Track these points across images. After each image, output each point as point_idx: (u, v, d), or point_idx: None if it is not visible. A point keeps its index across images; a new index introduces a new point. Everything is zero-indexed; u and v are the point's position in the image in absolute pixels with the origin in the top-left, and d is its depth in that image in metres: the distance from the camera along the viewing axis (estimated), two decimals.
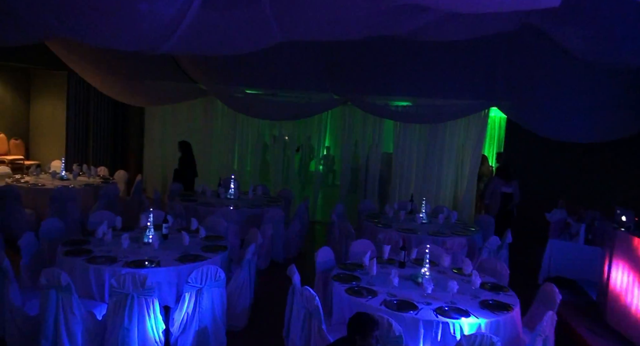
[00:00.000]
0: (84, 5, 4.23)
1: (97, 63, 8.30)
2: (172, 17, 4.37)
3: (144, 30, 4.57)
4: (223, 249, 4.99)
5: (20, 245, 4.75)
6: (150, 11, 4.27)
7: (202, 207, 6.97)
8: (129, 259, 4.47)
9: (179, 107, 10.43)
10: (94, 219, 5.71)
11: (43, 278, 3.95)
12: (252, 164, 10.82)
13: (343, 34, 5.55)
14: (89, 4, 4.01)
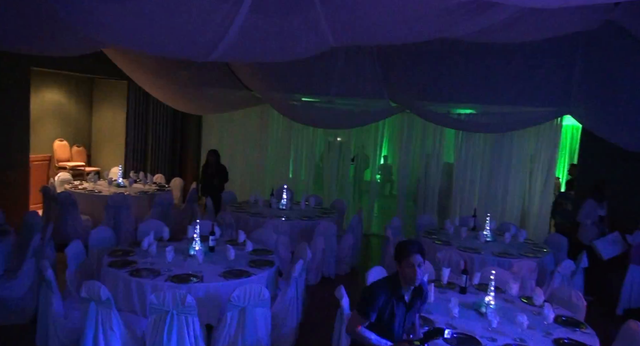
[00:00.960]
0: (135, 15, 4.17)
1: (155, 72, 8.38)
2: (219, 24, 4.22)
3: (193, 38, 4.44)
4: (270, 264, 4.73)
5: (66, 254, 4.71)
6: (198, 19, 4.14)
7: (253, 218, 6.78)
8: (172, 273, 4.31)
9: (236, 114, 10.42)
10: (143, 228, 5.64)
11: (84, 291, 3.83)
12: (306, 173, 10.60)
13: (399, 38, 5.19)
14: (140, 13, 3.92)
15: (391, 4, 4.06)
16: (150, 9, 3.97)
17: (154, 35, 4.44)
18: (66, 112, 9.93)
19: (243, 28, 4.39)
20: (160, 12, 4.00)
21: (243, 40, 4.62)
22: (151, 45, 4.70)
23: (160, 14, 4.06)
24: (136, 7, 3.92)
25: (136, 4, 3.88)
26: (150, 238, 4.90)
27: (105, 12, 3.99)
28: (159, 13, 4.02)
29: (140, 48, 5.22)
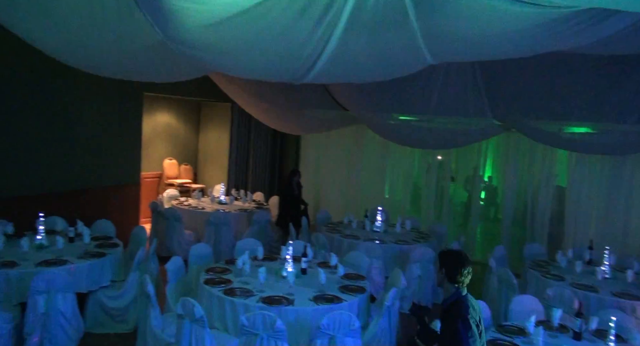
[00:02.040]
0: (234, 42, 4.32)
1: (256, 95, 8.68)
2: (314, 47, 4.22)
3: (289, 62, 4.49)
4: (362, 291, 4.57)
5: (167, 269, 4.91)
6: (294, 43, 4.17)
7: (347, 240, 6.66)
8: (264, 294, 4.30)
9: (332, 134, 10.48)
10: (240, 246, 5.76)
11: (180, 308, 3.94)
12: (402, 194, 10.32)
13: (503, 54, 4.84)
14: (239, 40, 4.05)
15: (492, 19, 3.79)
16: (248, 36, 4.07)
17: (251, 61, 4.55)
18: (175, 133, 10.63)
19: (337, 49, 4.35)
20: (257, 38, 4.09)
21: (338, 61, 4.57)
22: (248, 70, 4.83)
23: (256, 41, 4.15)
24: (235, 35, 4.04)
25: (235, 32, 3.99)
26: (245, 257, 4.96)
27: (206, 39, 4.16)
28: (256, 40, 4.11)
29: (239, 74, 5.41)
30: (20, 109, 6.38)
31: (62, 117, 6.93)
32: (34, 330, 4.34)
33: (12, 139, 6.30)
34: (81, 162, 7.23)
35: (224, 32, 4.01)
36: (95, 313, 4.97)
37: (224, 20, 3.78)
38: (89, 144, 7.32)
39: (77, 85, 6.97)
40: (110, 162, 7.72)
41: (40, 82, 6.56)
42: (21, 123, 6.40)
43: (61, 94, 6.87)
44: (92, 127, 7.37)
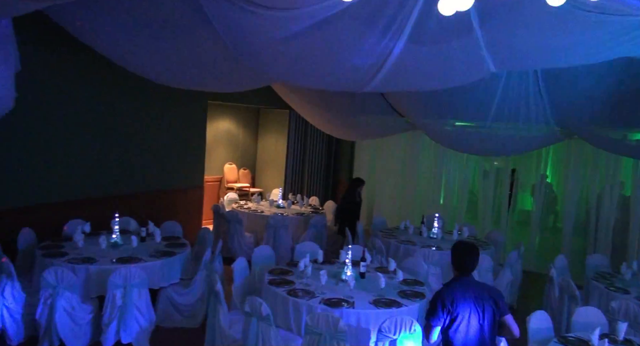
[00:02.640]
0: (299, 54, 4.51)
1: (313, 102, 8.89)
2: (378, 57, 4.34)
3: (351, 72, 4.63)
4: (421, 297, 4.63)
5: (233, 269, 5.16)
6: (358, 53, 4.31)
7: (403, 245, 6.72)
8: (326, 296, 4.45)
9: (387, 140, 10.54)
10: (300, 249, 5.95)
11: (247, 306, 4.15)
12: (458, 200, 10.23)
13: (567, 62, 4.80)
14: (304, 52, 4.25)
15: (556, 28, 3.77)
16: (314, 50, 4.26)
17: (316, 71, 4.74)
18: (235, 139, 11.02)
19: (400, 59, 4.45)
20: (323, 51, 4.27)
21: (400, 70, 4.67)
22: (312, 81, 5.02)
23: (322, 54, 4.33)
24: (303, 49, 4.24)
25: (303, 46, 4.18)
26: (307, 260, 5.13)
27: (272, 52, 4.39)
28: (321, 52, 4.29)
29: (302, 84, 5.61)
30: (98, 118, 6.88)
31: (135, 125, 7.39)
32: (112, 321, 4.68)
33: (87, 146, 6.79)
34: (151, 166, 7.68)
35: (292, 47, 4.21)
36: (165, 308, 5.29)
37: (293, 35, 3.99)
38: (158, 150, 7.77)
39: (149, 96, 7.42)
40: (177, 166, 8.15)
41: (116, 93, 7.04)
42: (96, 132, 6.89)
43: (132, 104, 7.34)
44: (161, 134, 7.82)
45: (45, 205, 6.29)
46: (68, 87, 6.41)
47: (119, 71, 5.68)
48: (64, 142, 6.45)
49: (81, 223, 6.14)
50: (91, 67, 6.50)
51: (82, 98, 6.65)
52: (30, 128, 5.99)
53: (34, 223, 5.87)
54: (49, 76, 6.12)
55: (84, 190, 6.75)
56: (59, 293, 4.55)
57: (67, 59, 6.26)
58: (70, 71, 6.39)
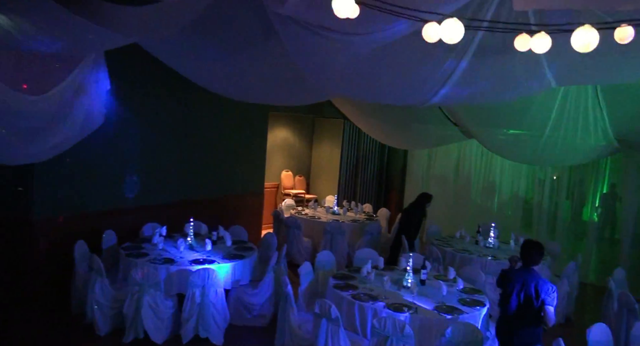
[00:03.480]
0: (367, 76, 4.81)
1: (368, 112, 9.16)
2: (442, 73, 4.57)
3: (415, 88, 4.88)
4: (481, 304, 4.81)
5: (299, 273, 5.50)
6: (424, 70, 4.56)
7: (460, 254, 6.87)
8: (389, 301, 4.70)
9: (439, 148, 10.67)
10: (359, 255, 6.22)
11: (317, 307, 4.46)
12: (512, 209, 10.22)
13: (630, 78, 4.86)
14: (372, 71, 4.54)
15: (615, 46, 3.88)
16: (381, 67, 4.53)
17: (381, 89, 5.01)
18: (291, 147, 11.44)
19: (463, 75, 4.66)
20: (389, 69, 4.53)
21: (462, 85, 4.88)
22: (377, 96, 5.29)
23: (388, 71, 4.59)
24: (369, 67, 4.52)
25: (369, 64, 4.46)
26: (369, 266, 5.41)
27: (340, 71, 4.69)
28: (388, 70, 4.56)
29: (367, 99, 5.89)
30: (171, 130, 7.41)
31: (203, 136, 7.89)
32: (191, 317, 5.11)
33: (161, 155, 7.32)
34: (217, 174, 8.17)
35: (360, 67, 4.51)
36: (236, 307, 5.67)
37: (363, 56, 4.28)
38: (223, 159, 8.25)
39: (216, 109, 7.90)
40: (241, 174, 8.61)
41: (187, 107, 7.55)
42: (169, 142, 7.41)
43: (202, 117, 7.83)
44: (227, 144, 8.30)
45: (124, 209, 6.84)
46: (147, 102, 6.96)
47: (191, 86, 6.17)
48: (141, 152, 7.00)
49: (155, 226, 6.66)
50: (168, 83, 7.01)
51: (158, 112, 7.19)
52: (113, 141, 6.53)
53: (115, 225, 6.43)
54: (132, 93, 6.65)
55: (158, 195, 7.28)
56: (145, 290, 5.01)
57: (148, 77, 6.78)
58: (149, 88, 6.92)
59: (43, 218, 5.93)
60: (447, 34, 2.86)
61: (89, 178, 6.38)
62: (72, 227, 6.14)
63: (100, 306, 5.25)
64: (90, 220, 6.38)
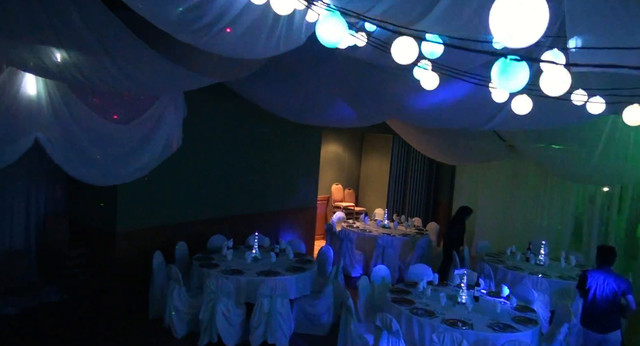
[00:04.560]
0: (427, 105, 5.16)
1: (417, 128, 9.45)
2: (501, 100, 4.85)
3: (474, 114, 5.19)
4: (534, 323, 5.03)
5: (358, 286, 5.88)
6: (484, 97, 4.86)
7: (511, 272, 7.06)
8: (446, 316, 5.00)
9: (488, 163, 10.81)
10: (413, 270, 6.54)
11: (378, 320, 4.82)
12: (562, 224, 10.25)
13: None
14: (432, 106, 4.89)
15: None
16: (441, 98, 4.87)
17: (440, 116, 5.35)
18: (341, 161, 11.86)
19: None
20: (449, 100, 4.86)
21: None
22: (435, 122, 5.63)
23: (449, 101, 4.92)
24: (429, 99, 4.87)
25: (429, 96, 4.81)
26: (424, 282, 5.72)
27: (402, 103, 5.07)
28: (448, 100, 4.89)
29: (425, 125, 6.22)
30: (236, 148, 7.95)
31: (262, 154, 8.41)
32: (259, 324, 5.57)
33: (225, 171, 7.87)
34: (275, 188, 8.67)
35: (421, 99, 4.87)
36: (298, 316, 6.10)
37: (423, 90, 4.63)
38: (280, 175, 8.75)
39: (276, 128, 8.40)
40: (296, 188, 9.09)
41: (249, 128, 8.09)
42: (234, 159, 7.96)
43: (262, 136, 8.35)
44: (283, 161, 8.79)
45: (193, 222, 7.42)
46: (213, 125, 7.52)
47: (252, 109, 6.68)
48: (207, 170, 7.56)
49: (220, 238, 7.20)
50: (231, 107, 7.55)
51: (223, 133, 7.74)
52: (184, 161, 7.10)
53: (185, 237, 7.00)
54: (201, 118, 7.22)
55: (222, 209, 7.83)
56: (219, 299, 5.51)
57: (213, 102, 7.33)
58: (214, 112, 7.47)
59: (124, 230, 6.55)
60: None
61: (163, 194, 6.98)
62: (148, 238, 6.75)
63: (178, 311, 5.80)
64: (164, 232, 6.98)
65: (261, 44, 2.61)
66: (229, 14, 2.21)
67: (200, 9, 2.19)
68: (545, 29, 2.51)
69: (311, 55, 4.81)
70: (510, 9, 1.45)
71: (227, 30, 2.34)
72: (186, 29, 2.36)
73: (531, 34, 1.45)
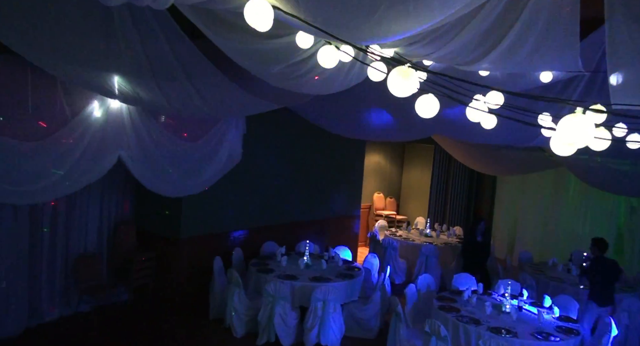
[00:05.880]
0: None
1: (459, 140, 9.72)
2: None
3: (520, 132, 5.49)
4: (576, 333, 5.28)
5: (405, 294, 6.23)
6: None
7: (553, 282, 7.26)
8: (491, 324, 5.31)
9: (530, 175, 10.95)
10: (457, 280, 6.84)
11: (427, 327, 5.18)
12: (604, 235, 10.25)
13: None
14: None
15: None
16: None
17: (487, 134, 5.66)
18: (383, 170, 12.22)
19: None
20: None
21: None
22: (481, 139, 5.95)
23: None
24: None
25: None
26: (469, 291, 6.04)
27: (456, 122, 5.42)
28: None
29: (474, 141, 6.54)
30: (287, 159, 8.44)
31: (310, 165, 8.86)
32: (314, 327, 6.00)
33: (276, 182, 8.36)
34: (321, 198, 9.11)
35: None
36: (348, 321, 6.49)
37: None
38: (327, 185, 9.19)
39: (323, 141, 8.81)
40: (341, 197, 9.51)
41: (299, 142, 8.56)
42: (284, 170, 8.44)
43: (311, 149, 8.81)
44: (329, 170, 9.23)
45: (248, 229, 7.93)
46: (267, 139, 8.02)
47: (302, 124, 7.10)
48: (260, 181, 8.06)
49: (272, 244, 7.70)
50: (283, 122, 8.02)
51: (276, 147, 8.23)
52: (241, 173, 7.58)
53: (241, 243, 7.52)
54: (256, 133, 7.72)
55: (273, 217, 8.33)
56: (276, 302, 5.98)
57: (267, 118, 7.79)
58: (267, 127, 7.94)
59: (187, 237, 7.12)
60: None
61: (221, 204, 7.51)
62: (208, 244, 7.30)
63: (238, 313, 6.30)
64: (221, 239, 7.52)
65: (337, 84, 3.04)
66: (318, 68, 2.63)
67: (298, 65, 2.63)
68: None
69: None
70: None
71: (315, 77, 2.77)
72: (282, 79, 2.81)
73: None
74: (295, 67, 2.62)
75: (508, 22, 2.63)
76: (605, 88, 3.51)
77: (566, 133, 2.05)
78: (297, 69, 2.63)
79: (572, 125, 2.06)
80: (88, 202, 6.88)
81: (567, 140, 2.06)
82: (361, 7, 1.84)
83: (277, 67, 2.61)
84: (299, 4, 1.81)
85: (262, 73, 2.75)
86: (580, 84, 4.38)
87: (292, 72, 2.66)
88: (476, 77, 3.62)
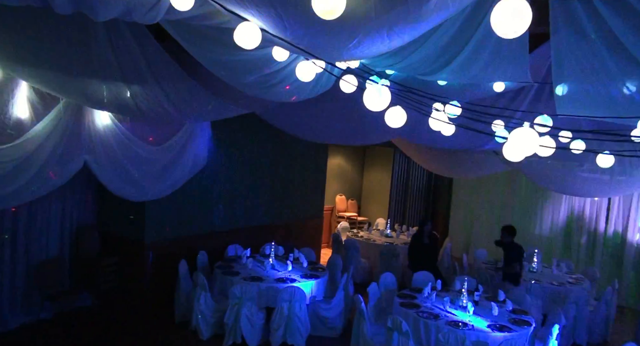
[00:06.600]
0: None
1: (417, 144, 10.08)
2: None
3: (473, 138, 5.83)
4: (528, 324, 5.64)
5: (368, 292, 6.46)
6: None
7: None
8: (449, 318, 5.60)
9: (484, 176, 11.44)
10: (417, 277, 7.12)
11: (389, 322, 5.41)
12: (552, 233, 10.89)
13: None
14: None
15: None
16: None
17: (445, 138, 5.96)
18: (344, 173, 12.48)
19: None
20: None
21: None
22: (442, 143, 6.25)
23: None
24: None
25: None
26: (429, 288, 6.32)
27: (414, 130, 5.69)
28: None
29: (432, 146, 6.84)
30: (250, 166, 8.54)
31: (273, 169, 9.00)
32: (279, 327, 6.13)
33: (241, 186, 8.45)
34: (285, 201, 9.25)
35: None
36: (312, 320, 6.66)
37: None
38: (290, 188, 9.34)
39: (285, 144, 8.99)
40: (305, 200, 9.68)
41: (263, 146, 8.68)
42: (248, 176, 8.54)
43: (274, 152, 8.95)
44: (292, 173, 9.39)
45: (212, 233, 7.98)
46: (231, 143, 8.10)
47: (265, 128, 7.21)
48: (224, 185, 8.13)
49: (236, 247, 7.80)
50: (247, 126, 8.14)
51: (240, 151, 8.32)
52: (205, 177, 7.67)
53: (205, 246, 7.56)
54: (222, 139, 7.79)
55: (238, 221, 8.41)
56: (243, 303, 6.08)
57: (231, 122, 7.90)
58: (232, 131, 8.03)
59: (151, 240, 7.11)
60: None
61: (186, 207, 7.54)
62: (172, 248, 7.31)
63: (204, 315, 6.35)
64: (186, 242, 7.54)
65: (307, 92, 3.21)
66: (290, 78, 2.79)
67: (269, 76, 2.78)
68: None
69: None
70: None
71: (286, 87, 2.93)
72: (255, 88, 2.95)
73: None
74: (270, 77, 2.77)
75: (464, 38, 2.88)
76: (552, 97, 3.82)
77: (516, 144, 2.30)
78: (271, 78, 2.79)
79: (520, 136, 2.31)
80: (49, 206, 6.77)
81: (517, 148, 2.30)
82: (341, 33, 2.03)
83: (252, 77, 2.75)
84: (287, 29, 1.97)
85: (237, 82, 2.88)
86: (530, 93, 4.72)
87: (266, 81, 2.81)
88: (435, 86, 3.87)
